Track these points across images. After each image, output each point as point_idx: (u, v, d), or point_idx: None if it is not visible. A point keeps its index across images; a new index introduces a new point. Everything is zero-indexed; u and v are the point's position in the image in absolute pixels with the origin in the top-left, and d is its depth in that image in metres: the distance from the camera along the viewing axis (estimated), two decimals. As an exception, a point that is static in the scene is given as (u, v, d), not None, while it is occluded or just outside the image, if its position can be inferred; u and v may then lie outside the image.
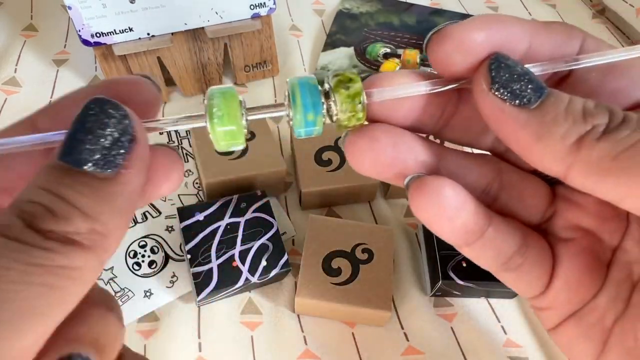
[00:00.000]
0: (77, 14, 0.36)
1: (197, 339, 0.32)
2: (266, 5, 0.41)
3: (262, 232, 0.33)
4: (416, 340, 0.32)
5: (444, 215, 0.17)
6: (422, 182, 0.17)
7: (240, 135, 0.15)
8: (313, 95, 0.16)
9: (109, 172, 0.13)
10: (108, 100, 0.13)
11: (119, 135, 0.13)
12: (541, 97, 0.15)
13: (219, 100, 0.15)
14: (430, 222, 0.18)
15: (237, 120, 0.15)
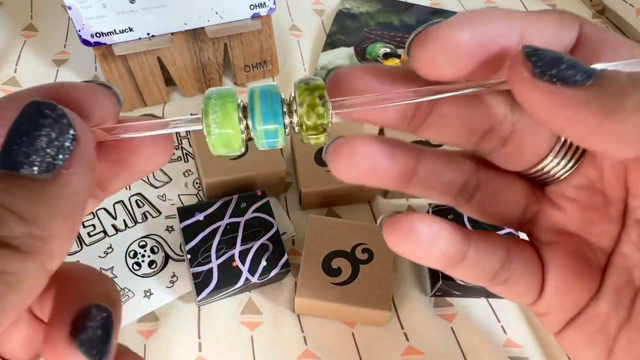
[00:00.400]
0: (77, 14, 0.36)
1: (197, 339, 0.32)
2: (266, 5, 0.41)
3: (262, 232, 0.33)
4: (416, 340, 0.32)
5: (420, 249, 0.18)
6: (394, 222, 0.18)
7: (237, 140, 0.15)
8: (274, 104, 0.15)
9: (46, 175, 0.12)
10: (43, 102, 0.13)
11: (56, 135, 0.13)
12: (592, 73, 0.14)
13: (216, 103, 0.15)
14: (408, 256, 0.18)
15: (234, 125, 0.15)
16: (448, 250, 0.18)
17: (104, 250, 0.34)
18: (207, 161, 0.36)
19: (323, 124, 0.15)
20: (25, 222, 0.12)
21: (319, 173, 0.37)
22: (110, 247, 0.34)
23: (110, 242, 0.35)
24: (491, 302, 0.34)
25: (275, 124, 0.15)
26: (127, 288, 0.33)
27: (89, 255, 0.34)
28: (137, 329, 0.32)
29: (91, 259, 0.34)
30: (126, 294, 0.33)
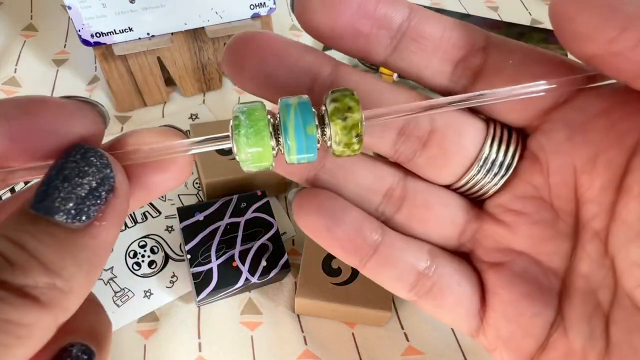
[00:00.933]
0: (77, 14, 0.36)
1: (197, 339, 0.32)
2: (266, 5, 0.41)
3: (262, 232, 0.33)
4: (416, 340, 0.32)
5: (322, 224, 0.17)
6: (301, 195, 0.17)
7: (269, 156, 0.14)
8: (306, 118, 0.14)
9: (78, 224, 0.12)
10: (90, 148, 0.12)
11: (97, 184, 0.12)
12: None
13: (247, 122, 0.14)
14: (312, 233, 0.17)
15: (266, 143, 0.14)
16: (355, 233, 0.17)
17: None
18: (207, 161, 0.36)
19: (356, 153, 0.15)
20: (49, 273, 0.11)
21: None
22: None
23: (110, 242, 0.35)
24: (491, 302, 0.34)
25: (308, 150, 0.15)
26: (127, 288, 0.33)
27: (88, 255, 0.34)
28: (137, 329, 0.32)
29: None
30: (126, 294, 0.33)
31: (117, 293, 0.33)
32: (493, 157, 0.17)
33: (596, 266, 0.16)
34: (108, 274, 0.33)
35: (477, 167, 0.17)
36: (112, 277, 0.33)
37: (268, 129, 0.14)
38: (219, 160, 0.36)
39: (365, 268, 0.17)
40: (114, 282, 0.33)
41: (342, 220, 0.17)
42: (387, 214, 0.18)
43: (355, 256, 0.17)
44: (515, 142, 0.17)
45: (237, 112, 0.14)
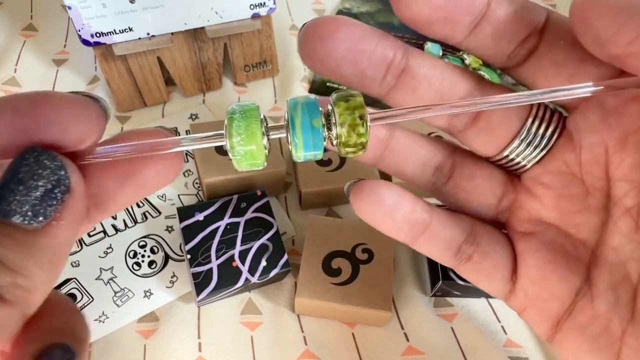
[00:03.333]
0: (77, 14, 0.36)
1: (197, 339, 0.32)
2: (266, 5, 0.41)
3: (262, 232, 0.33)
4: (416, 340, 0.32)
5: (384, 212, 0.18)
6: (360, 186, 0.19)
7: (261, 155, 0.15)
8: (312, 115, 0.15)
9: (36, 225, 0.12)
10: (43, 152, 0.13)
11: (52, 187, 0.13)
12: None
13: (240, 124, 0.15)
14: (373, 221, 0.19)
15: (258, 140, 0.15)
16: (411, 216, 0.19)
17: (104, 250, 0.34)
18: (207, 161, 0.36)
19: (362, 142, 0.15)
20: (11, 272, 0.12)
21: (319, 173, 0.37)
22: (110, 247, 0.34)
23: (110, 242, 0.35)
24: (491, 302, 0.34)
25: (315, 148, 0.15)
26: (127, 288, 0.33)
27: (89, 255, 0.34)
28: (137, 329, 0.32)
29: (91, 259, 0.34)
30: (126, 294, 0.33)
31: (117, 293, 0.33)
32: (534, 132, 0.18)
33: (627, 240, 0.17)
34: (108, 274, 0.33)
35: (518, 140, 0.19)
36: (112, 277, 0.33)
37: (261, 128, 0.15)
38: (219, 160, 0.36)
39: (416, 243, 0.19)
40: (114, 282, 0.33)
41: (400, 206, 0.19)
42: (437, 184, 0.21)
43: (409, 235, 0.19)
44: (557, 120, 0.19)
45: (232, 111, 0.15)
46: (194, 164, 0.39)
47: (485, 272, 0.20)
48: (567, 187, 0.18)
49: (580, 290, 0.18)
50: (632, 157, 0.16)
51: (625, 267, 0.17)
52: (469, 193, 0.20)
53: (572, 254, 0.18)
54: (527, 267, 0.19)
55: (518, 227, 0.20)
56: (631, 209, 0.17)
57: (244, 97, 0.45)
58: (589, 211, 0.18)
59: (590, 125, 0.17)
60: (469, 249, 0.19)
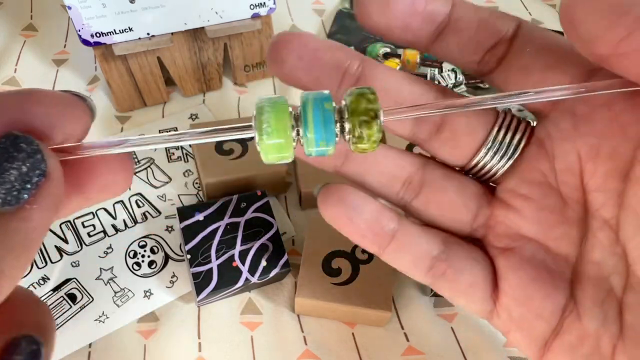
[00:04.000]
0: (77, 14, 0.36)
1: (197, 339, 0.32)
2: (266, 5, 0.41)
3: (262, 232, 0.33)
4: (416, 340, 0.32)
5: (344, 215, 0.18)
6: (326, 189, 0.19)
7: (289, 148, 0.15)
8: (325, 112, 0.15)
9: (8, 207, 0.12)
10: (20, 135, 0.13)
11: (27, 169, 0.12)
12: None
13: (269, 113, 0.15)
14: (335, 223, 0.19)
15: (287, 133, 0.15)
16: (375, 222, 0.18)
17: (103, 250, 0.34)
18: (207, 161, 0.35)
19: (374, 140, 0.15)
20: None
21: (319, 173, 0.36)
22: (110, 247, 0.34)
23: (110, 242, 0.35)
24: (491, 302, 0.34)
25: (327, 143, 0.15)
26: (127, 288, 0.33)
27: (88, 255, 0.34)
28: (137, 329, 0.32)
29: (91, 259, 0.34)
30: (126, 294, 0.33)
31: (117, 293, 0.33)
32: (500, 140, 0.18)
33: (608, 253, 0.16)
34: (108, 274, 0.33)
35: (484, 149, 0.18)
36: (112, 277, 0.33)
37: (290, 121, 0.15)
38: (219, 160, 0.36)
39: (384, 254, 0.19)
40: (114, 282, 0.33)
41: (362, 210, 0.19)
42: (406, 199, 0.20)
43: (374, 243, 0.19)
44: (523, 128, 0.18)
45: (261, 104, 0.15)
46: (194, 164, 0.39)
47: (462, 290, 0.19)
48: (545, 198, 0.18)
49: (566, 308, 0.17)
50: (605, 165, 0.16)
51: (608, 282, 0.16)
52: (441, 208, 0.20)
53: (554, 270, 0.18)
54: (509, 286, 0.18)
55: (496, 243, 0.19)
56: (609, 221, 0.16)
57: (244, 97, 0.45)
58: (568, 224, 0.17)
59: (561, 132, 0.17)
60: (441, 265, 0.19)
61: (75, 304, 0.32)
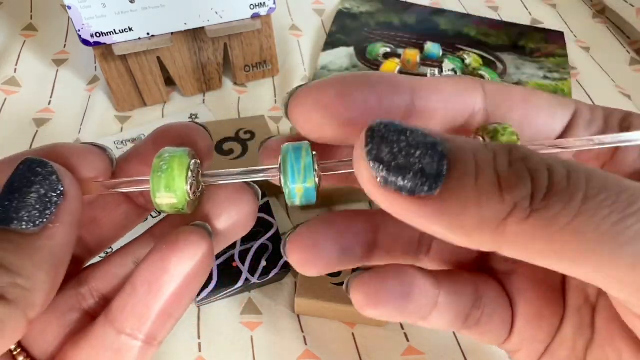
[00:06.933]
0: (77, 14, 0.36)
1: (197, 339, 0.32)
2: (266, 5, 0.41)
3: (262, 232, 0.33)
4: (416, 340, 0.32)
5: (394, 309, 0.16)
6: (362, 283, 0.16)
7: (182, 202, 0.15)
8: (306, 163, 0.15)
9: (32, 228, 0.13)
10: (35, 160, 0.14)
11: (45, 191, 0.13)
12: (441, 176, 0.12)
13: (164, 168, 0.15)
14: (382, 318, 0.17)
15: (181, 191, 0.15)
16: (422, 302, 0.17)
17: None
18: (207, 161, 0.35)
19: None
20: (10, 273, 0.13)
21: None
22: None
23: (110, 242, 0.35)
24: (491, 302, 0.34)
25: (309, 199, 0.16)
26: (127, 288, 0.33)
27: (88, 255, 0.34)
28: (137, 329, 0.32)
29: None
30: (126, 294, 0.33)
31: (117, 293, 0.32)
32: None
33: None
34: (108, 274, 0.33)
35: None
36: (112, 277, 0.33)
37: (186, 176, 0.15)
38: (218, 160, 0.36)
39: (425, 322, 0.17)
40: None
41: (418, 296, 0.17)
42: (421, 254, 0.19)
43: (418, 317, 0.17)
44: None
45: (159, 158, 0.15)
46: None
47: (494, 331, 0.18)
48: None
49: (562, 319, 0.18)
50: None
51: (585, 290, 0.17)
52: (452, 252, 0.19)
53: (552, 285, 0.18)
54: (523, 308, 0.18)
55: (500, 267, 0.19)
56: None
57: (244, 97, 0.45)
58: None
59: None
60: (476, 313, 0.18)
61: (75, 304, 0.32)
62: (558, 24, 0.56)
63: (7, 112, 0.42)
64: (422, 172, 0.12)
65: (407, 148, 0.12)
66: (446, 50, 0.50)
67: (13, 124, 0.41)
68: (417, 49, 0.50)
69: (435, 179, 0.12)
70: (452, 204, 0.12)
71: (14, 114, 0.42)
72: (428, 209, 0.12)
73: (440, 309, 0.17)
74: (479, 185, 0.12)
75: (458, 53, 0.50)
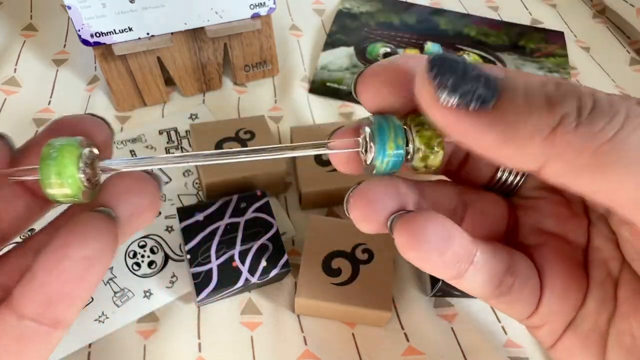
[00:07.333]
0: (77, 14, 0.36)
1: (197, 339, 0.32)
2: (266, 5, 0.41)
3: (262, 232, 0.33)
4: (416, 340, 0.32)
5: (435, 250, 0.16)
6: (407, 221, 0.16)
7: (76, 191, 0.15)
8: (397, 132, 0.16)
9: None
10: None
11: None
12: (495, 93, 0.14)
13: (53, 159, 0.15)
14: (421, 260, 0.17)
15: (73, 179, 0.15)
16: (459, 251, 0.17)
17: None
18: (207, 161, 0.35)
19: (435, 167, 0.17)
20: None
21: (319, 173, 0.37)
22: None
23: (110, 242, 0.35)
24: (491, 302, 0.34)
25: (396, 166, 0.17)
26: (126, 288, 0.33)
27: (88, 255, 0.34)
28: (137, 329, 0.32)
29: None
30: (126, 294, 0.33)
31: (116, 293, 0.32)
32: None
33: (605, 241, 0.18)
34: (108, 274, 0.33)
35: (499, 172, 0.21)
36: (111, 277, 0.33)
37: (77, 165, 0.15)
38: (218, 160, 0.36)
39: (461, 280, 0.18)
40: (114, 282, 0.33)
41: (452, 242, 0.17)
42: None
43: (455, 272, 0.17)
44: None
45: (46, 149, 0.15)
46: (193, 164, 0.39)
47: (523, 301, 0.18)
48: (555, 195, 0.19)
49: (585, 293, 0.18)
50: None
51: (607, 265, 0.18)
52: (484, 224, 0.20)
53: (577, 260, 0.19)
54: (551, 282, 0.18)
55: (527, 241, 0.20)
56: (603, 214, 0.18)
57: (244, 97, 0.45)
58: (577, 216, 0.19)
59: None
60: (510, 278, 0.18)
61: (75, 304, 0.32)
62: (558, 24, 0.56)
63: (7, 112, 0.42)
64: (478, 89, 0.13)
65: (464, 70, 0.14)
66: (446, 50, 0.50)
67: (13, 124, 0.41)
68: (417, 48, 0.50)
69: (490, 94, 0.13)
70: (505, 116, 0.13)
71: (14, 114, 0.42)
72: (483, 121, 0.14)
73: (476, 268, 0.17)
74: (529, 101, 0.13)
75: (458, 53, 0.49)
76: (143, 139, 0.40)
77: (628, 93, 0.48)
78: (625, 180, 0.13)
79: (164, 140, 0.40)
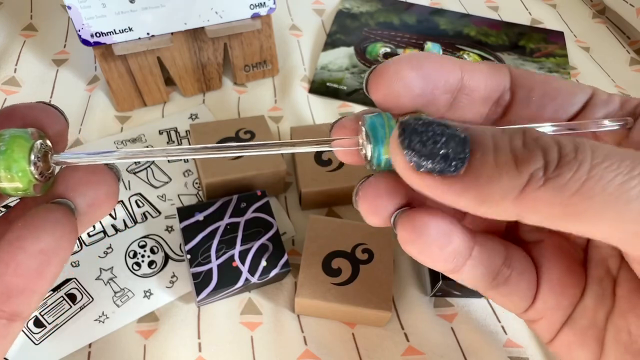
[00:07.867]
0: (77, 14, 0.36)
1: (197, 339, 0.32)
2: (266, 5, 0.41)
3: (262, 232, 0.33)
4: (416, 340, 0.32)
5: (435, 245, 0.17)
6: (410, 216, 0.17)
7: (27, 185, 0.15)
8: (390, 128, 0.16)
9: None
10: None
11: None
12: (466, 157, 0.14)
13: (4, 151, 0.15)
14: (422, 254, 0.17)
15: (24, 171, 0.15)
16: (460, 246, 0.18)
17: (103, 251, 0.34)
18: (207, 161, 0.35)
19: None
20: None
21: (319, 173, 0.37)
22: (110, 247, 0.34)
23: (110, 242, 0.35)
24: (491, 302, 0.34)
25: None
26: (127, 288, 0.33)
27: (88, 255, 0.34)
28: (137, 329, 0.32)
29: (91, 259, 0.34)
30: (126, 294, 0.33)
31: (117, 293, 0.32)
32: None
33: None
34: (108, 274, 0.33)
35: None
36: (112, 277, 0.33)
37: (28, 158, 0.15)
38: (218, 160, 0.36)
39: (459, 273, 0.18)
40: (114, 282, 0.33)
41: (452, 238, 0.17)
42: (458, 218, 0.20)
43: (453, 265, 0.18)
44: None
45: None
46: (194, 164, 0.39)
47: (520, 293, 0.19)
48: None
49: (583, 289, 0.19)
50: None
51: (606, 263, 0.18)
52: (484, 221, 0.20)
53: (576, 256, 0.19)
54: (548, 277, 0.19)
55: (527, 237, 0.20)
56: None
57: (244, 96, 0.45)
58: None
59: None
60: (506, 271, 0.19)
61: (75, 304, 0.32)
62: (558, 24, 0.56)
63: (7, 112, 0.42)
64: (448, 155, 0.14)
65: (434, 137, 0.14)
66: (446, 50, 0.50)
67: (13, 124, 0.41)
68: (417, 48, 0.50)
69: (460, 160, 0.14)
70: (476, 181, 0.14)
71: (14, 114, 0.42)
72: (457, 187, 0.14)
73: (473, 261, 0.18)
74: (498, 163, 0.14)
75: (458, 53, 0.50)
76: (143, 139, 0.40)
77: (628, 93, 0.48)
78: (598, 223, 0.13)
79: (164, 140, 0.40)
